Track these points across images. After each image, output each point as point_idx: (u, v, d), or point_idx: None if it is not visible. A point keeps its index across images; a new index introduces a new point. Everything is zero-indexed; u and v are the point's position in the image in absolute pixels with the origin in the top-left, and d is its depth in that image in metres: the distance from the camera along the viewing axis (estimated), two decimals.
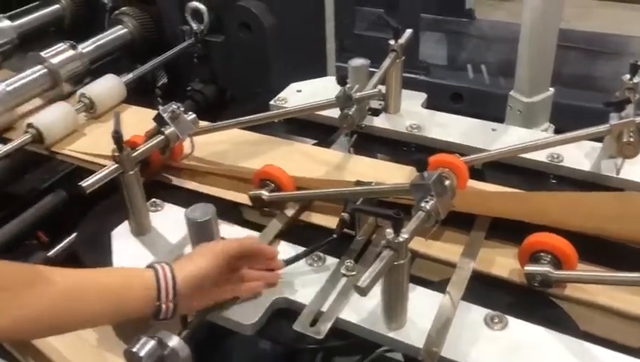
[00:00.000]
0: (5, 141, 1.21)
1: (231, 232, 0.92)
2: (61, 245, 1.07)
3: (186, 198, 1.04)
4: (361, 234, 0.91)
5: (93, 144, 1.19)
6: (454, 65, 2.54)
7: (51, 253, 1.06)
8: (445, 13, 2.74)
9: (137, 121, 1.12)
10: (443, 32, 2.70)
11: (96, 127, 1.28)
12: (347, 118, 0.95)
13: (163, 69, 1.65)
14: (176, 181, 1.09)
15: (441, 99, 2.06)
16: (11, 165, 1.25)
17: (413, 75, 2.15)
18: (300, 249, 0.89)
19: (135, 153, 0.88)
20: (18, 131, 1.23)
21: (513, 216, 0.88)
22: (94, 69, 1.45)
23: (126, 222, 0.94)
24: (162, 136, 0.93)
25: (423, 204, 0.75)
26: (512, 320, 0.77)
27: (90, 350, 0.93)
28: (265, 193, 0.95)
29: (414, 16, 2.22)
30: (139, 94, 1.60)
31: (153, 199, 1.00)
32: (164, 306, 0.71)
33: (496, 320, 0.76)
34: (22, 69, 1.33)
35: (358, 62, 1.20)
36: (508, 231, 0.90)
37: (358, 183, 0.93)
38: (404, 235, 0.69)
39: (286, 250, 0.90)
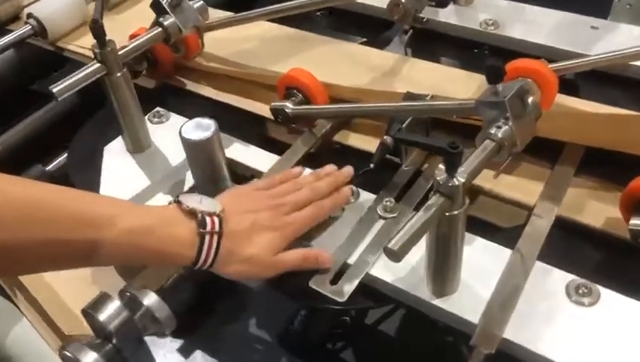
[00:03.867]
0: (7, 33, 1.05)
1: (245, 153, 0.74)
2: (61, 158, 0.92)
3: (200, 107, 0.87)
4: (408, 163, 0.70)
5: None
6: None
7: (51, 166, 0.92)
8: None
9: None
10: None
11: (109, 19, 1.09)
12: (398, 6, 0.71)
13: None
14: (190, 86, 0.91)
15: None
16: (19, 62, 1.10)
17: None
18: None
19: (123, 50, 0.69)
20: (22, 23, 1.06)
21: (616, 147, 0.65)
22: None
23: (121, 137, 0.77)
24: (159, 29, 0.73)
25: (493, 131, 0.53)
26: (605, 293, 0.56)
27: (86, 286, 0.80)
28: (289, 105, 0.76)
29: None
30: None
31: (157, 108, 0.82)
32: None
33: (584, 291, 0.56)
34: None
35: None
36: (608, 166, 0.67)
37: (409, 96, 0.71)
38: (461, 177, 0.48)
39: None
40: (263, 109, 0.84)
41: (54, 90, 0.64)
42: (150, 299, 0.54)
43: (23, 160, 0.94)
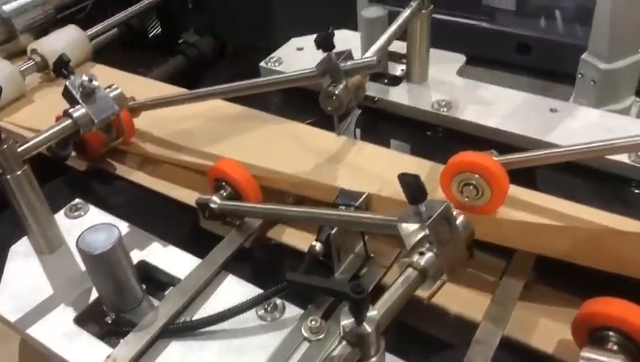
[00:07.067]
0: None
1: (162, 256, 0.67)
2: None
3: (128, 196, 0.81)
4: (343, 270, 0.63)
5: (44, 114, 0.95)
6: (524, 10, 2.17)
7: None
8: None
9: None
10: None
11: (50, 91, 1.03)
12: (332, 98, 0.65)
13: (156, 17, 1.38)
14: (121, 170, 0.84)
15: (506, 51, 1.76)
16: None
17: (474, 22, 1.83)
18: (253, 289, 0.63)
19: (23, 147, 0.62)
20: None
21: (569, 259, 0.59)
22: (69, 17, 1.21)
23: None
24: (69, 120, 0.66)
25: (416, 258, 0.46)
26: None
27: None
28: (215, 200, 0.69)
29: None
30: (130, 48, 1.36)
31: (75, 200, 0.75)
32: None
33: None
34: None
35: (373, 12, 0.90)
36: (563, 278, 0.60)
37: (342, 193, 0.64)
38: (370, 323, 0.41)
39: (233, 289, 0.63)
40: (194, 199, 0.77)
41: None
42: None
43: None
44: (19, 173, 0.62)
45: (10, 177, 0.61)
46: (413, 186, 0.45)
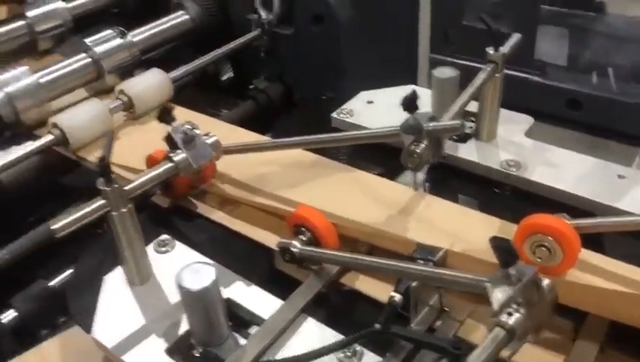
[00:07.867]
0: (35, 139, 1.07)
1: (246, 295, 0.71)
2: (65, 275, 0.90)
3: (208, 233, 0.85)
4: (419, 321, 0.66)
5: (126, 151, 1.02)
6: (576, 66, 2.19)
7: (54, 281, 0.90)
8: (570, 6, 2.35)
9: None
10: (566, 27, 2.33)
11: (134, 129, 1.10)
12: (414, 156, 0.69)
13: (229, 62, 1.46)
14: (202, 209, 0.89)
15: (557, 106, 1.78)
16: (42, 165, 1.11)
17: (525, 75, 1.86)
18: (331, 333, 0.66)
19: (129, 186, 0.68)
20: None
21: None
22: (149, 59, 1.29)
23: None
24: (170, 164, 0.72)
25: (504, 318, 0.49)
26: None
27: None
28: (297, 244, 0.73)
29: (533, 9, 1.89)
30: (202, 89, 1.44)
31: (163, 236, 0.80)
32: None
33: None
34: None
35: (445, 72, 0.94)
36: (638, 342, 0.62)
37: (420, 248, 0.68)
38: None
39: (312, 333, 0.67)
40: (273, 241, 0.81)
41: (54, 228, 0.63)
42: None
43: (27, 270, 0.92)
44: (124, 210, 0.67)
45: (115, 214, 0.67)
46: (505, 250, 0.48)
